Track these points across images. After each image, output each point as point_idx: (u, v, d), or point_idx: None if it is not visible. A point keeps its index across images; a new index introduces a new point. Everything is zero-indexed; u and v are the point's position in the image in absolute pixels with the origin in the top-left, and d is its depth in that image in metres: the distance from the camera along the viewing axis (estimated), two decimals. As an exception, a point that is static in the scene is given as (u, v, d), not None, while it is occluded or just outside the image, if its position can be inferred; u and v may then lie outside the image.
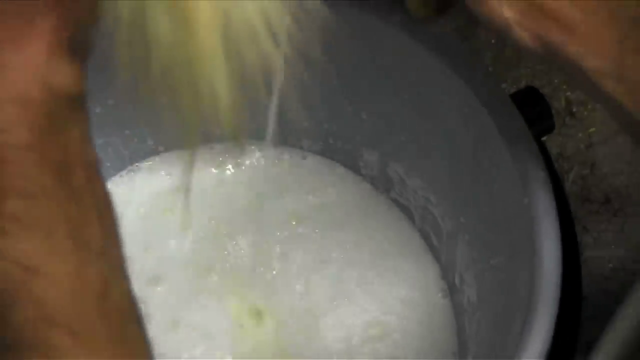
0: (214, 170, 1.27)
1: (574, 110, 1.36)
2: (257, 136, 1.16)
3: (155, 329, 1.18)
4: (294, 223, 1.26)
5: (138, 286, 0.77)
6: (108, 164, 1.27)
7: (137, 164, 1.29)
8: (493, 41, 1.31)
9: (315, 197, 1.27)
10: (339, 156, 1.28)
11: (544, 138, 1.05)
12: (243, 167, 1.28)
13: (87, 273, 0.73)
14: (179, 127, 0.71)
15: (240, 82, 0.67)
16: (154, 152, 1.29)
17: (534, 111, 1.05)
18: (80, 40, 0.73)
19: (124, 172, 1.29)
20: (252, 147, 1.29)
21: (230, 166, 1.28)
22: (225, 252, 1.24)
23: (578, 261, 1.03)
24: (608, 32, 0.78)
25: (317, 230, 1.25)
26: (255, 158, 1.28)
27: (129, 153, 1.28)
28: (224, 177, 1.27)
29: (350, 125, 1.24)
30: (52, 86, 0.72)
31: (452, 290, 1.21)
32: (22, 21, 0.72)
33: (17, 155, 0.71)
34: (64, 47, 0.73)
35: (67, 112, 0.74)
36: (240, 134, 0.71)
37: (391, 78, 1.13)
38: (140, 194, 1.27)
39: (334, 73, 1.10)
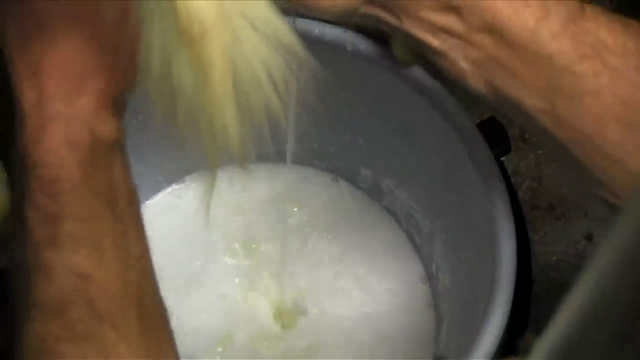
0: (236, 186, 1.26)
1: (526, 136, 1.37)
2: (278, 158, 1.20)
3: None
4: (307, 229, 1.24)
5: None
6: (146, 186, 1.26)
7: (170, 187, 1.27)
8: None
9: (321, 204, 1.26)
10: (341, 172, 1.27)
11: (502, 158, 1.05)
12: (265, 181, 1.27)
13: (127, 280, 0.73)
14: (202, 154, 0.69)
15: (248, 118, 0.67)
16: (182, 176, 1.28)
17: (494, 137, 1.05)
18: (120, 99, 0.74)
19: (158, 193, 1.28)
20: (272, 166, 1.27)
21: (252, 181, 1.27)
22: (247, 254, 1.23)
23: (529, 254, 1.03)
24: (543, 77, 0.77)
25: (322, 232, 1.24)
26: (274, 174, 1.27)
27: (163, 178, 1.27)
28: (247, 190, 1.26)
29: (350, 148, 1.23)
30: (98, 134, 0.73)
31: (430, 278, 1.20)
32: (77, 82, 0.72)
33: (70, 187, 0.72)
34: (108, 105, 0.73)
35: (110, 153, 0.75)
36: (247, 159, 0.69)
37: (382, 111, 1.13)
38: (170, 212, 1.26)
39: (338, 107, 1.13)
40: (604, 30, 0.77)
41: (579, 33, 0.76)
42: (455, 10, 0.78)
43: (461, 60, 0.80)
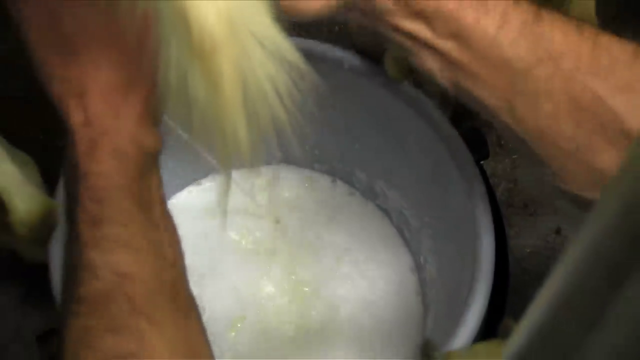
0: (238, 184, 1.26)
1: (502, 143, 1.36)
2: (283, 161, 1.26)
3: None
4: (310, 225, 1.24)
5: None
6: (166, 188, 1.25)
7: (186, 188, 1.28)
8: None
9: (321, 203, 1.26)
10: (339, 175, 1.26)
11: (482, 162, 1.05)
12: (274, 184, 1.26)
13: (162, 278, 0.74)
14: (215, 158, 0.70)
15: (256, 126, 0.67)
16: (197, 179, 1.29)
17: (475, 144, 1.05)
18: (157, 111, 0.75)
19: (177, 194, 1.28)
20: (278, 168, 1.28)
21: (263, 182, 1.26)
22: (260, 245, 1.22)
23: (506, 247, 1.03)
24: (502, 79, 0.78)
25: (323, 228, 1.23)
26: (280, 176, 1.27)
27: (180, 181, 1.27)
28: (255, 190, 1.26)
29: (347, 154, 1.23)
30: (142, 145, 0.74)
31: (418, 269, 1.19)
32: (119, 98, 0.74)
33: (114, 194, 0.73)
34: (148, 117, 0.75)
35: (150, 164, 0.76)
36: (255, 162, 0.69)
37: (376, 121, 1.14)
38: (187, 211, 1.26)
39: (337, 117, 1.15)
40: (559, 35, 0.77)
41: (535, 39, 0.77)
42: (424, 19, 0.78)
43: (429, 61, 0.81)
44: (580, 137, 0.77)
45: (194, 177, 1.27)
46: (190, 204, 1.26)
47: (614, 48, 0.77)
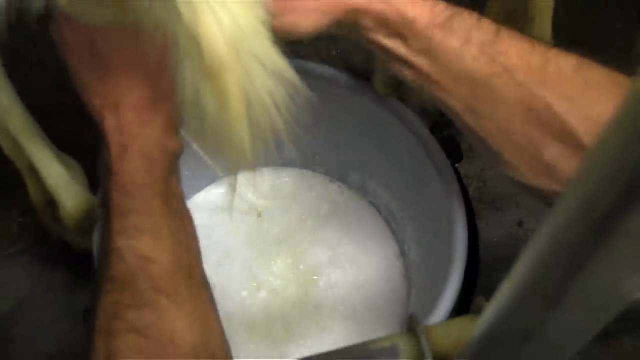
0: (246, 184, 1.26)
1: (473, 148, 1.34)
2: (290, 164, 1.25)
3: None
4: (310, 218, 1.23)
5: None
6: (187, 188, 1.24)
7: (205, 188, 1.27)
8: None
9: (321, 199, 1.24)
10: (336, 176, 1.25)
11: (457, 165, 1.04)
12: (277, 182, 1.26)
13: (180, 261, 0.74)
14: (224, 162, 0.71)
15: (258, 134, 0.67)
16: (214, 180, 1.28)
17: (451, 149, 1.05)
18: (178, 123, 0.78)
19: (197, 193, 1.27)
20: (282, 170, 1.27)
21: (270, 181, 1.27)
22: (266, 235, 1.22)
23: (477, 237, 1.01)
24: (465, 89, 0.79)
25: (322, 221, 1.22)
26: (285, 177, 1.27)
27: (200, 182, 1.26)
28: (257, 187, 1.26)
29: (343, 157, 1.22)
30: (166, 149, 0.76)
31: (403, 255, 1.18)
32: (148, 110, 0.76)
33: (139, 190, 0.74)
34: (171, 125, 0.77)
35: (171, 165, 0.78)
36: (258, 164, 0.71)
37: (367, 130, 1.13)
38: (205, 207, 1.26)
39: (334, 127, 1.15)
40: (514, 51, 0.78)
41: (493, 55, 0.77)
42: (401, 37, 0.79)
43: (405, 72, 0.82)
44: (530, 135, 0.77)
45: (211, 179, 1.26)
46: (209, 201, 1.25)
47: (560, 61, 0.78)
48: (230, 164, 0.70)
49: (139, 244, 0.73)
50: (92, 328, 0.72)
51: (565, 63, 0.77)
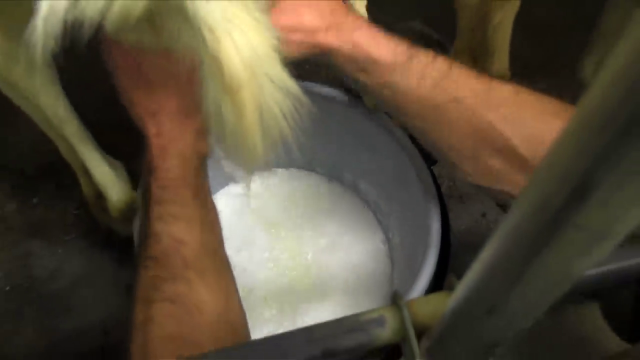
0: (259, 182, 1.26)
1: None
2: (294, 165, 1.24)
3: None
4: (310, 211, 1.23)
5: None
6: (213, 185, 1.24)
7: (228, 185, 1.26)
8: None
9: (321, 195, 1.24)
10: (332, 176, 1.25)
11: (432, 167, 1.04)
12: (282, 181, 1.26)
13: (207, 242, 0.75)
14: (237, 166, 0.70)
15: (269, 140, 0.66)
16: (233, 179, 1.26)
17: (427, 154, 1.03)
18: (207, 129, 0.78)
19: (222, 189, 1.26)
20: (287, 171, 1.27)
21: (277, 181, 1.26)
22: (275, 226, 1.22)
23: (448, 226, 1.01)
24: (421, 114, 0.82)
25: (320, 214, 1.22)
26: (288, 176, 1.26)
27: (222, 179, 1.24)
28: (269, 185, 1.25)
29: (339, 160, 1.21)
30: (198, 151, 0.77)
31: (388, 241, 1.18)
32: (183, 118, 0.77)
33: (173, 183, 0.75)
34: (202, 131, 0.77)
35: (202, 163, 0.78)
36: (269, 166, 0.71)
37: (359, 138, 1.12)
38: (227, 201, 1.24)
39: (332, 135, 1.15)
40: (462, 82, 0.79)
41: (445, 87, 0.79)
42: (366, 72, 0.80)
43: (374, 98, 0.86)
44: (476, 149, 0.79)
45: (231, 177, 1.25)
46: (229, 195, 1.24)
47: (501, 88, 0.79)
48: (245, 165, 0.70)
49: (173, 228, 0.73)
50: (133, 298, 0.72)
51: (505, 90, 0.79)
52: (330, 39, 0.79)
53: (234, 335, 0.73)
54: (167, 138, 0.76)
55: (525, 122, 0.77)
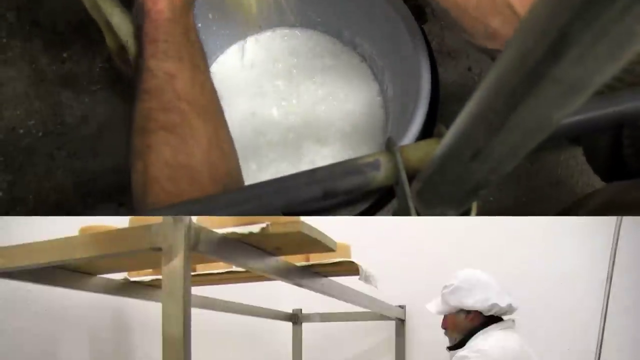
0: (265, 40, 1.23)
1: (434, 13, 1.31)
2: (298, 24, 1.20)
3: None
4: (313, 66, 1.20)
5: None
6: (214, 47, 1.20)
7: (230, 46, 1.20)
8: None
9: (322, 51, 1.21)
10: (333, 33, 1.21)
11: (422, 25, 1.03)
12: (286, 39, 1.23)
13: (196, 77, 0.75)
14: (241, 24, 0.71)
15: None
16: (235, 41, 1.20)
17: (417, 13, 1.03)
18: None
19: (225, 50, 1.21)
20: (291, 30, 1.23)
21: (281, 38, 1.23)
22: (280, 79, 1.20)
23: (437, 79, 0.99)
24: None
25: (321, 68, 1.20)
26: (293, 35, 1.23)
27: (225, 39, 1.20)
28: (275, 45, 1.22)
29: (339, 19, 1.18)
30: None
31: (382, 92, 1.17)
32: None
33: (164, 23, 0.75)
34: None
35: (189, 8, 0.78)
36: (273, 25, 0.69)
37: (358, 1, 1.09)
38: (232, 63, 1.21)
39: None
40: None
41: None
42: None
43: None
44: (481, 8, 0.77)
45: (236, 37, 1.21)
46: (235, 57, 1.21)
47: None
48: (242, 24, 0.69)
49: (166, 64, 0.73)
50: (131, 129, 0.73)
51: None
52: None
53: (224, 160, 0.75)
54: None
55: None
